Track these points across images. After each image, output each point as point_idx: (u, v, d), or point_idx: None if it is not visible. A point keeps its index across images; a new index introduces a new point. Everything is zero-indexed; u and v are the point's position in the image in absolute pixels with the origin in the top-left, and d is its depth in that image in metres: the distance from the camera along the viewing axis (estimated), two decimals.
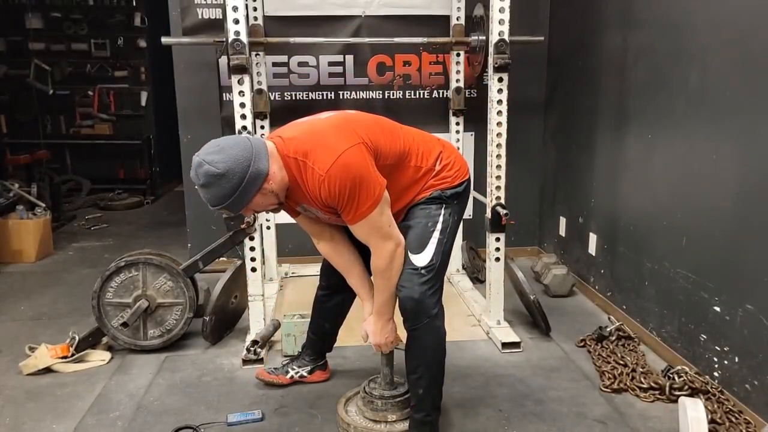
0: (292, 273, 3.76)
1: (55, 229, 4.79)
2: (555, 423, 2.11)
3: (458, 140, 3.60)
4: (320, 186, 1.67)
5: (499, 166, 2.73)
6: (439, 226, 1.87)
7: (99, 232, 5.14)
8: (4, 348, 2.81)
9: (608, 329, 2.71)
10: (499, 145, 2.72)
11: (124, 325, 2.62)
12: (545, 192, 4.04)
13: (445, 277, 3.63)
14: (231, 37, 2.48)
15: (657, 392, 2.28)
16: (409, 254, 1.83)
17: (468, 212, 3.83)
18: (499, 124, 2.70)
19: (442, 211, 1.88)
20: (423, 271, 1.82)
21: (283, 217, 3.82)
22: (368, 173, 1.69)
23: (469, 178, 2.00)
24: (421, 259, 1.83)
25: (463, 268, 3.71)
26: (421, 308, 1.82)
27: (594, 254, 3.30)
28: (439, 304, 1.89)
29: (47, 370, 2.55)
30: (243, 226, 2.56)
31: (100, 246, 4.71)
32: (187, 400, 2.30)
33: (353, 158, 1.67)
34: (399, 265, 1.81)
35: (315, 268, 3.80)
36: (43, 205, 4.50)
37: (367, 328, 1.98)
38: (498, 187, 2.75)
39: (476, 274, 3.62)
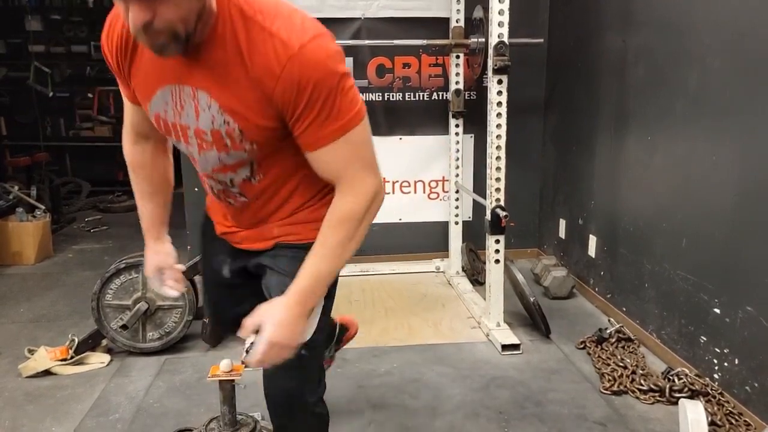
0: None
1: (55, 232, 4.78)
2: (555, 425, 2.11)
3: (458, 142, 3.60)
4: (284, 67, 1.03)
5: (498, 168, 2.73)
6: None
7: (99, 235, 5.14)
8: (3, 350, 2.81)
9: (608, 331, 2.71)
10: (498, 147, 2.72)
11: (124, 327, 2.61)
12: (545, 193, 4.04)
13: (446, 279, 3.64)
14: None
15: (657, 394, 2.28)
16: None
17: (467, 214, 3.84)
18: (498, 126, 2.70)
19: None
20: (303, 352, 1.23)
21: None
22: (351, 76, 1.12)
23: None
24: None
25: (463, 270, 3.71)
26: (300, 403, 1.34)
27: (594, 256, 3.30)
28: (323, 383, 1.45)
29: (46, 373, 2.55)
30: None
31: (99, 248, 4.70)
32: (187, 403, 2.30)
33: (338, 48, 1.11)
34: (374, 215, 1.21)
35: None
36: (43, 207, 4.49)
37: (268, 317, 1.16)
38: (497, 189, 2.75)
39: (476, 276, 3.61)
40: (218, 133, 1.14)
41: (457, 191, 3.67)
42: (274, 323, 1.15)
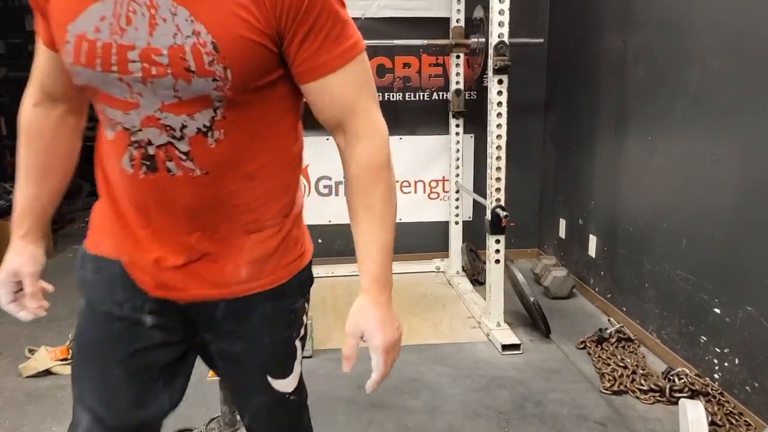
0: None
1: (55, 231, 4.79)
2: (555, 425, 2.11)
3: (458, 142, 3.60)
4: None
5: (498, 168, 2.73)
6: (302, 332, 1.15)
7: None
8: (3, 350, 2.81)
9: (608, 331, 2.71)
10: (498, 147, 2.72)
11: None
12: (545, 193, 4.04)
13: (446, 279, 3.64)
14: None
15: (657, 394, 2.28)
16: (269, 379, 1.11)
17: (468, 214, 3.84)
18: (498, 126, 2.70)
19: (306, 308, 1.16)
20: (292, 398, 1.16)
21: None
22: None
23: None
24: (288, 384, 1.14)
25: (463, 270, 3.71)
26: None
27: (594, 256, 3.30)
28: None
29: (47, 372, 2.55)
30: None
31: None
32: (186, 402, 2.27)
33: None
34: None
35: (314, 270, 3.80)
36: None
37: (365, 324, 0.99)
38: (498, 189, 2.75)
39: (476, 276, 3.61)
40: (180, 50, 0.84)
41: (457, 191, 3.67)
42: (377, 326, 0.98)
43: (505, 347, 2.67)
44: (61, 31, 0.88)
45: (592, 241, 3.31)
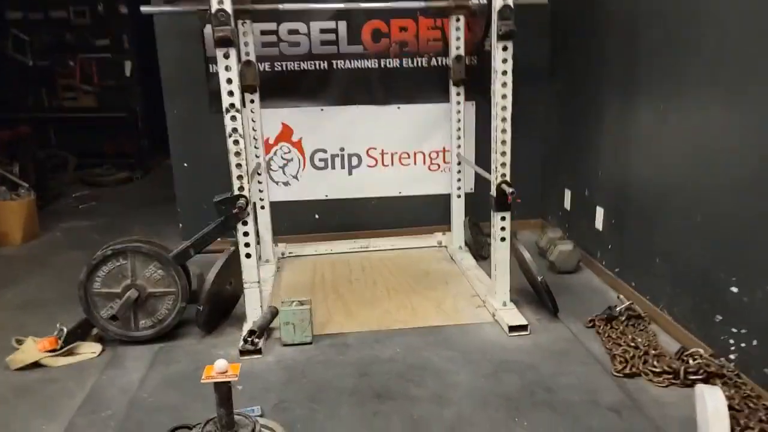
0: (289, 253, 3.63)
1: (41, 209, 4.62)
2: (567, 412, 2.03)
3: (459, 112, 3.44)
4: None
5: (504, 142, 2.58)
6: None
7: (87, 211, 4.99)
8: None
9: (618, 309, 2.62)
10: (504, 119, 2.57)
11: (114, 318, 2.51)
12: (549, 163, 3.90)
13: (449, 254, 3.53)
14: (215, 6, 2.29)
15: (671, 376, 2.20)
16: None
17: (469, 185, 3.70)
18: (504, 96, 2.54)
19: None
20: None
21: (278, 195, 3.71)
22: None
23: None
24: None
25: (466, 245, 3.60)
26: None
27: (601, 229, 3.18)
28: None
29: (35, 365, 2.44)
30: (235, 210, 2.42)
31: (88, 225, 4.56)
32: (183, 397, 2.20)
33: None
34: None
35: (313, 248, 3.72)
36: (27, 185, 4.33)
37: None
38: (503, 164, 2.61)
39: (479, 251, 3.50)
40: None
41: (459, 163, 3.52)
42: None
43: (512, 328, 2.57)
44: None
45: (599, 213, 3.19)
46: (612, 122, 3.02)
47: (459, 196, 3.57)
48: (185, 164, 3.71)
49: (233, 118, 2.40)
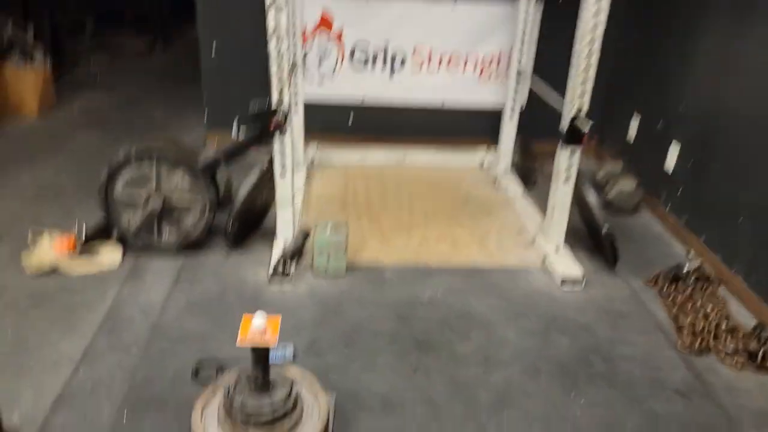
0: (320, 159, 3.35)
1: (57, 79, 4.30)
2: (628, 391, 1.84)
3: (527, 12, 2.96)
4: None
5: (588, 68, 2.20)
6: None
7: (106, 84, 4.66)
8: (3, 232, 2.53)
9: (686, 269, 2.36)
10: (592, 40, 2.16)
11: (137, 231, 2.31)
12: (616, 82, 3.45)
13: (492, 178, 3.20)
14: None
15: (746, 359, 1.98)
16: None
17: (521, 100, 3.28)
18: (596, 13, 2.11)
19: None
20: None
21: (311, 93, 3.33)
22: None
23: None
24: None
25: (513, 168, 3.28)
26: None
27: (672, 168, 2.84)
28: None
29: (53, 271, 2.28)
30: (272, 127, 2.11)
31: (108, 101, 4.27)
32: (209, 325, 2.04)
33: None
34: None
35: (344, 155, 3.41)
36: (42, 50, 3.98)
37: None
38: (583, 93, 2.24)
39: (529, 176, 3.19)
40: None
41: (519, 73, 3.11)
42: None
43: (564, 281, 2.34)
44: None
45: (674, 150, 2.83)
46: (710, 40, 2.57)
47: (513, 111, 3.19)
48: (213, 55, 3.36)
49: (279, 8, 2.03)
